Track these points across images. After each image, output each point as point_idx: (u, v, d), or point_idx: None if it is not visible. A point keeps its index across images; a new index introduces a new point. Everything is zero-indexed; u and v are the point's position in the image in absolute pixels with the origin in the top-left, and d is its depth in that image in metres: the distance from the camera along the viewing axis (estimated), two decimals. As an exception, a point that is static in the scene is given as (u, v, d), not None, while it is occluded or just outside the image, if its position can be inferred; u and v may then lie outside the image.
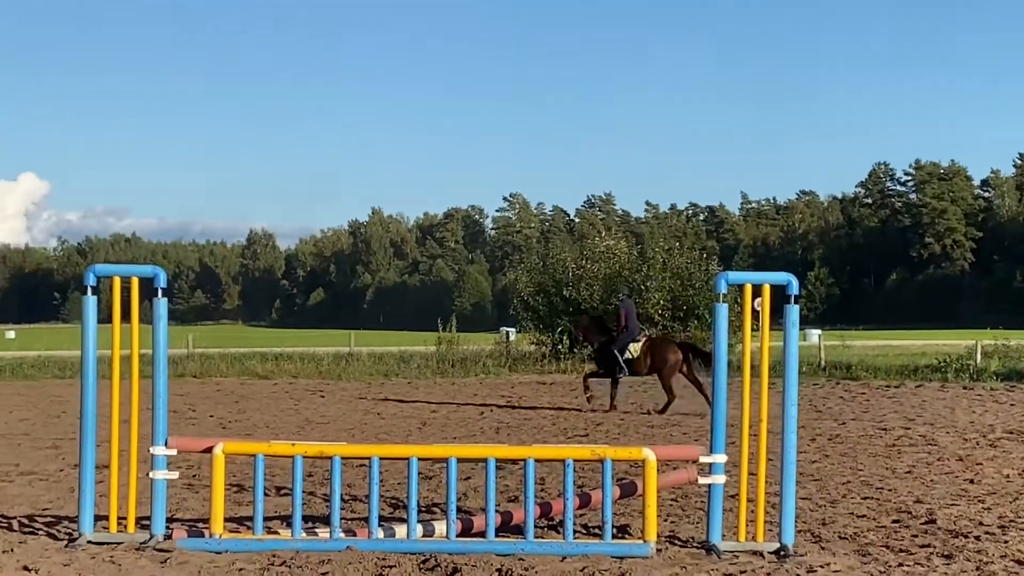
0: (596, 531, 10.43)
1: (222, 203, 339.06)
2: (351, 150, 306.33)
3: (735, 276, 10.20)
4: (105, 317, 10.30)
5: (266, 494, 10.30)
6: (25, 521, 11.02)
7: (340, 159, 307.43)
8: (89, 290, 10.06)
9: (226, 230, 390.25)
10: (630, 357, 24.71)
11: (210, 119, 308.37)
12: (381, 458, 10.08)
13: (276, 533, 10.05)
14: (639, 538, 9.87)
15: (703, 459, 10.06)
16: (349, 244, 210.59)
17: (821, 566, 9.12)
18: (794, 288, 9.90)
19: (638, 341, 24.87)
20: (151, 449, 10.01)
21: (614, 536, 9.94)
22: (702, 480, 10.10)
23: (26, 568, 8.85)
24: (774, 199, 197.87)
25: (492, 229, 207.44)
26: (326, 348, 48.22)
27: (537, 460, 10.10)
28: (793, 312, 9.88)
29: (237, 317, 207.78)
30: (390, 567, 8.93)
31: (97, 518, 10.15)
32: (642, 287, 40.52)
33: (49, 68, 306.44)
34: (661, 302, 40.45)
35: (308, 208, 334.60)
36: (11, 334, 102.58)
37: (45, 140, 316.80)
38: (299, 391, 30.45)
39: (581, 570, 8.84)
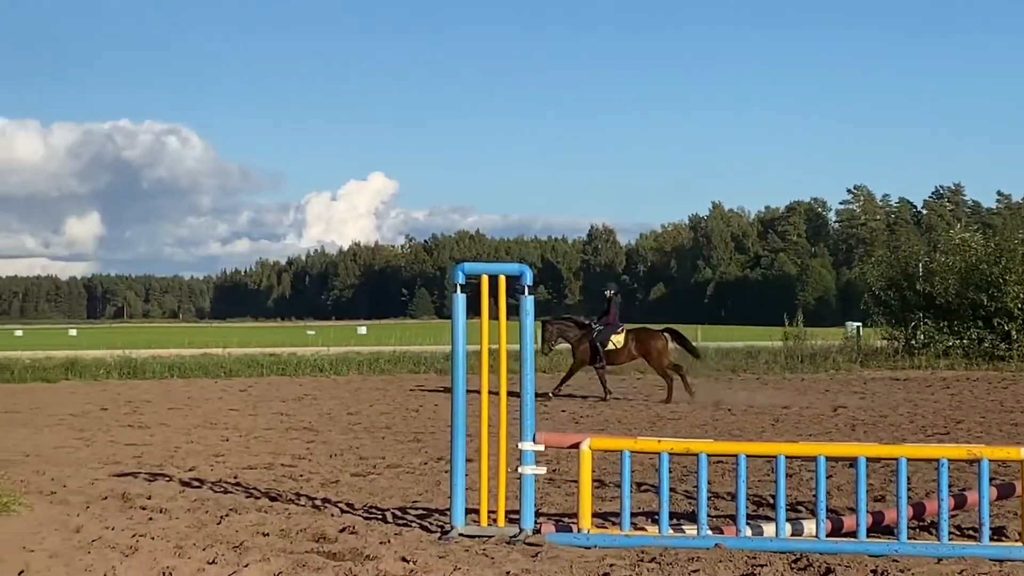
0: (970, 533, 10.10)
1: (563, 199, 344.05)
2: (691, 143, 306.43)
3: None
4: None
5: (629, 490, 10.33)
6: (398, 513, 11.37)
7: (680, 153, 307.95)
8: (458, 288, 10.33)
9: (567, 226, 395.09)
10: (613, 348, 27.18)
11: (551, 118, 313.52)
12: (747, 456, 10.00)
13: (643, 529, 10.09)
14: (1018, 541, 9.50)
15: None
16: (690, 238, 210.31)
17: None
18: None
19: (619, 333, 27.24)
20: (520, 444, 10.20)
21: (991, 538, 9.59)
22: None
23: (404, 559, 9.12)
24: None
25: (835, 222, 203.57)
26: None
27: (909, 459, 9.83)
28: None
29: (579, 312, 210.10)
30: (760, 566, 8.85)
31: (467, 512, 10.40)
32: (1000, 280, 39.05)
33: (396, 73, 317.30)
34: (1021, 296, 38.88)
35: (648, 203, 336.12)
36: (362, 330, 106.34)
37: (394, 141, 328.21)
38: (648, 386, 30.53)
39: (959, 573, 8.57)
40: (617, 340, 27.23)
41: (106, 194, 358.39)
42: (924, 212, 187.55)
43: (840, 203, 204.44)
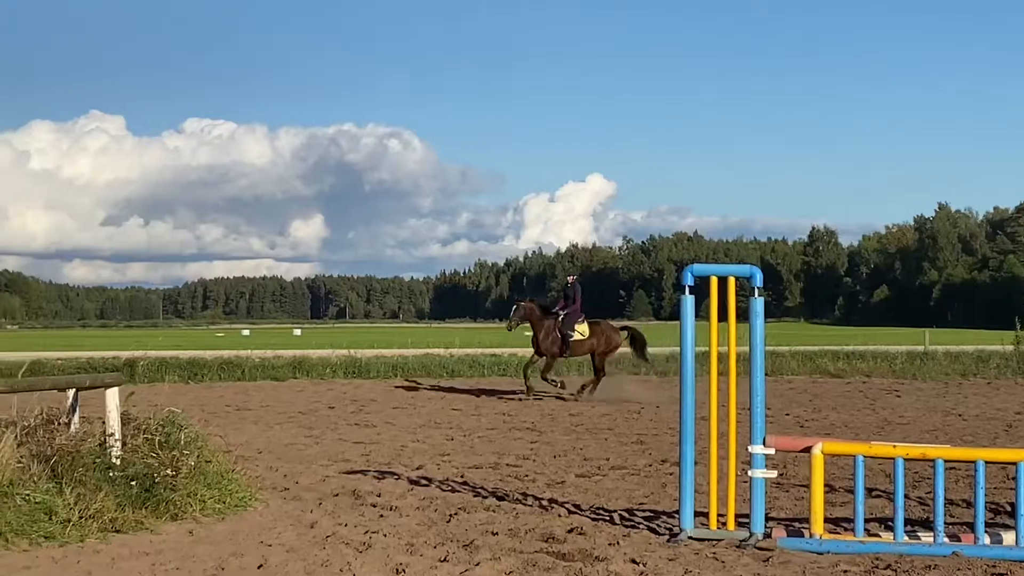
0: None
1: (783, 201, 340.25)
2: (917, 143, 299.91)
3: None
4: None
5: (852, 494, 10.14)
6: (625, 515, 11.36)
7: (905, 153, 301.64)
8: (687, 289, 10.28)
9: (787, 227, 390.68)
10: (579, 338, 26.94)
11: (771, 118, 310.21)
12: (986, 462, 9.73)
13: (876, 536, 9.89)
14: None
15: None
16: (914, 240, 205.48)
17: None
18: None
19: (582, 322, 26.85)
20: (750, 448, 10.10)
21: None
22: None
23: (633, 561, 9.12)
24: None
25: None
26: (897, 346, 47.14)
27: None
28: None
29: (799, 315, 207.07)
30: (1001, 575, 8.59)
31: (695, 515, 10.32)
32: None
33: (613, 76, 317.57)
34: None
35: (870, 204, 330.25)
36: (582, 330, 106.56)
37: (612, 142, 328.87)
38: (873, 390, 29.95)
39: None
40: (582, 330, 27.21)
41: (329, 196, 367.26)
42: None
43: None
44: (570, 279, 28.68)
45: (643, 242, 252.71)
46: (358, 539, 9.84)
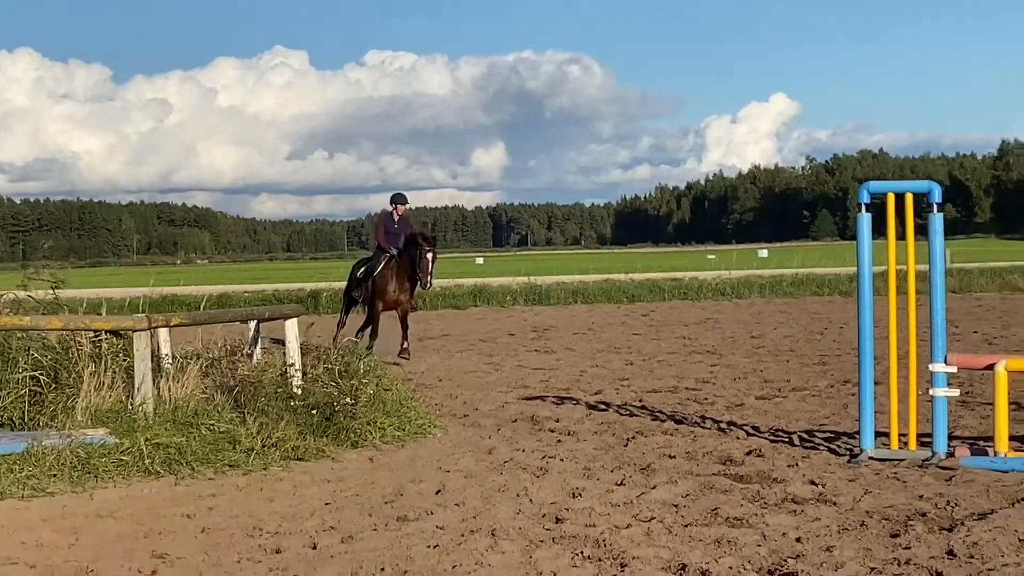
0: None
1: (973, 114, 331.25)
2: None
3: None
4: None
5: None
6: (804, 436, 11.25)
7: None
8: (863, 207, 10.06)
9: (977, 142, 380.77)
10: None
11: (960, 29, 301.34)
12: None
13: (1065, 454, 9.64)
14: None
15: None
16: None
17: None
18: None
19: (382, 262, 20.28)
20: (931, 366, 9.91)
21: None
22: None
23: (812, 482, 9.02)
24: None
25: None
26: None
27: None
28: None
29: (990, 231, 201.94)
30: None
31: (876, 435, 10.17)
32: None
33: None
34: None
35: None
36: (763, 252, 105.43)
37: (796, 61, 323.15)
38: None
39: None
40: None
41: (510, 125, 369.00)
42: None
43: None
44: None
45: (827, 161, 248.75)
46: (535, 464, 9.91)
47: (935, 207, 9.83)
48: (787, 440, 11.05)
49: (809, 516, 7.89)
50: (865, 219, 10.08)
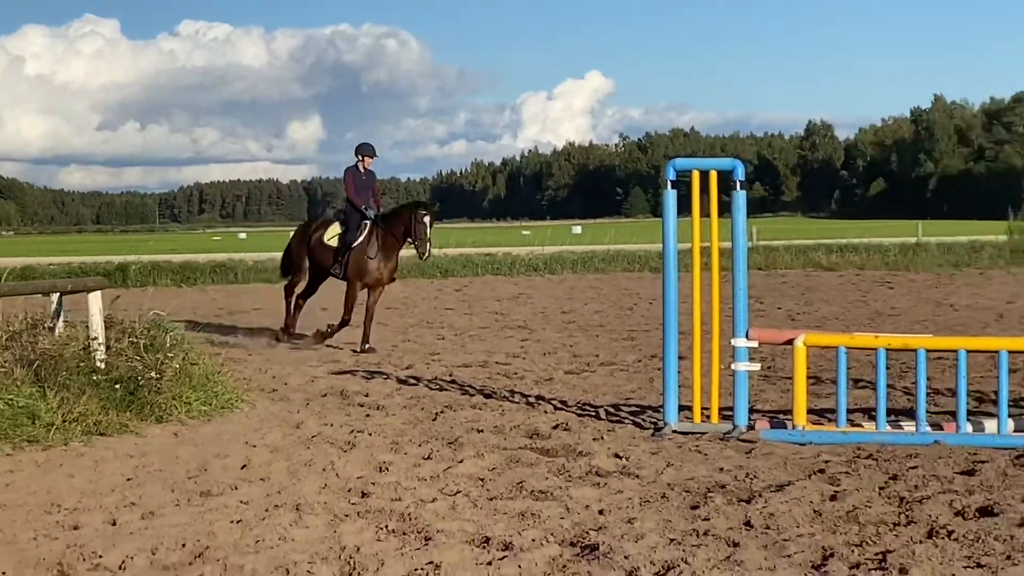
0: None
1: (781, 96, 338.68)
2: (912, 34, 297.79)
3: None
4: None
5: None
6: (611, 410, 11.41)
7: (899, 45, 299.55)
8: (669, 184, 10.23)
9: (785, 122, 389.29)
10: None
11: (768, 11, 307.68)
12: (968, 351, 9.73)
13: (859, 426, 9.92)
14: None
15: None
16: (911, 132, 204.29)
17: None
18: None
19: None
20: (732, 341, 10.11)
21: None
22: None
23: (616, 455, 9.15)
24: None
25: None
26: (890, 239, 47.14)
27: None
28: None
29: (796, 209, 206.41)
30: (982, 462, 8.63)
31: (680, 408, 10.35)
32: None
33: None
34: None
35: (867, 98, 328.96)
36: (577, 229, 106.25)
37: (611, 38, 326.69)
38: (866, 283, 30.00)
39: None
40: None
41: (327, 98, 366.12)
42: None
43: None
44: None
45: (640, 139, 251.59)
46: (343, 438, 9.87)
47: (738, 184, 10.02)
48: (594, 414, 11.18)
49: (612, 489, 8.00)
50: (671, 196, 10.25)
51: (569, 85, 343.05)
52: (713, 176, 10.15)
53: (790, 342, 9.99)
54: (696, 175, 10.29)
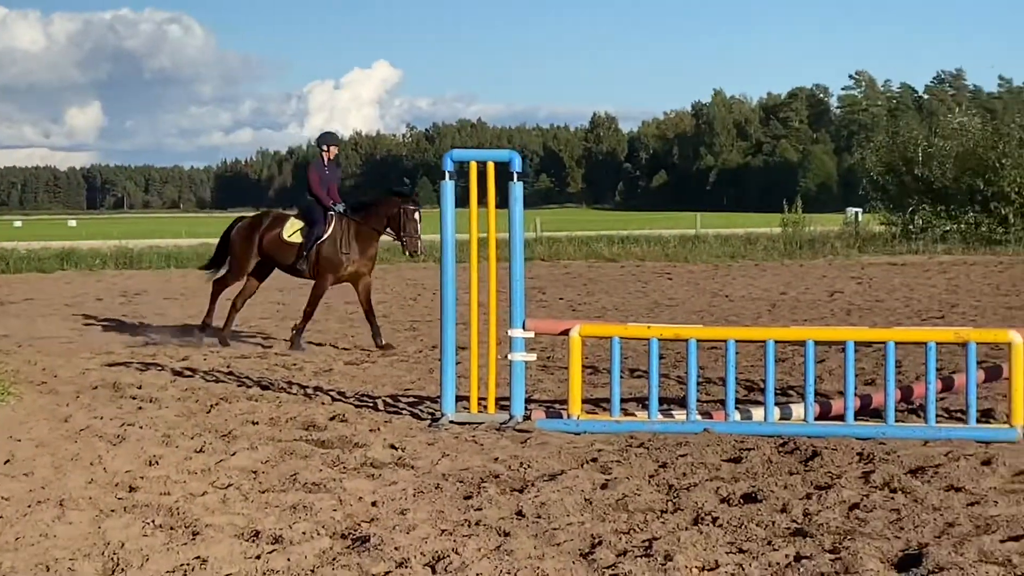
0: (958, 415, 10.10)
1: (567, 88, 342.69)
2: (694, 31, 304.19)
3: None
4: (460, 201, 10.44)
5: (620, 376, 10.32)
6: (389, 401, 11.37)
7: (683, 40, 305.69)
8: (447, 175, 10.24)
9: (570, 114, 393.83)
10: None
11: (555, 4, 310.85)
12: (736, 341, 9.97)
13: (632, 415, 10.08)
14: (1005, 423, 9.49)
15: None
16: (691, 126, 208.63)
17: None
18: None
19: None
20: (509, 331, 10.17)
21: (978, 420, 9.58)
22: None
23: (392, 446, 9.13)
24: None
25: (837, 108, 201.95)
26: (671, 231, 48.13)
27: (896, 343, 9.80)
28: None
29: (581, 201, 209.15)
30: (748, 450, 8.84)
31: (457, 399, 10.39)
32: (998, 164, 38.92)
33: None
34: (1018, 180, 38.76)
35: (651, 91, 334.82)
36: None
37: (400, 28, 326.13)
38: (646, 274, 30.50)
39: (946, 454, 8.55)
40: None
41: (107, 84, 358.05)
42: (925, 98, 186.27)
43: (842, 89, 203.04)
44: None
45: (427, 130, 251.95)
46: (112, 432, 9.62)
47: (515, 176, 10.07)
48: (372, 405, 11.13)
49: (387, 480, 7.98)
50: (448, 187, 10.27)
51: (357, 74, 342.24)
52: (490, 167, 10.20)
53: (566, 332, 10.09)
54: (473, 166, 10.34)
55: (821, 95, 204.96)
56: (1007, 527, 6.67)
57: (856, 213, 51.24)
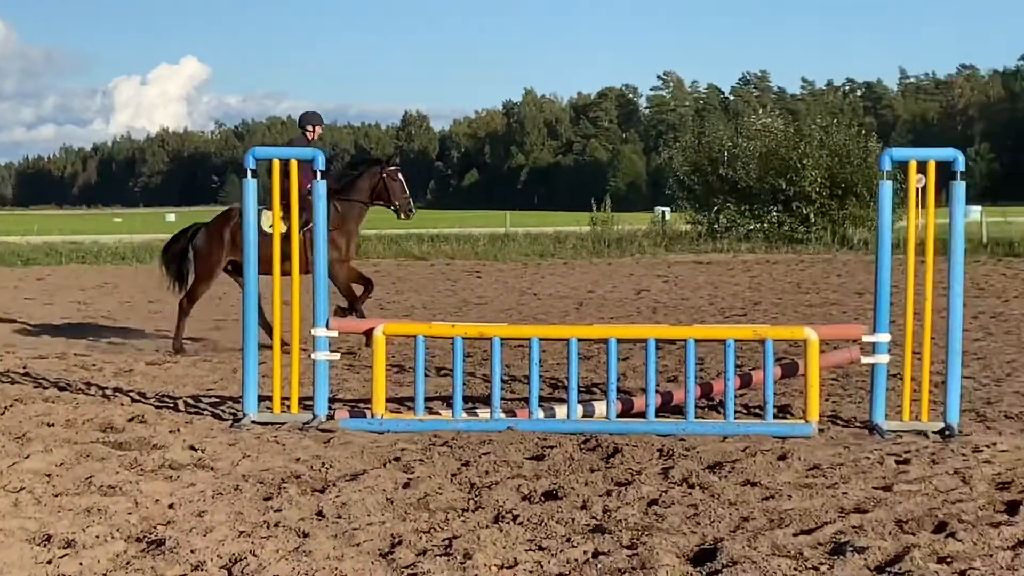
0: (757, 411, 10.33)
1: (379, 86, 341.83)
2: (504, 30, 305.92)
3: (900, 152, 9.93)
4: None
5: (426, 375, 10.32)
6: (191, 402, 11.19)
7: (494, 39, 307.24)
8: (249, 173, 10.11)
9: (383, 113, 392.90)
10: None
11: (363, 3, 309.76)
12: (541, 339, 10.04)
13: (437, 414, 10.09)
14: (801, 418, 9.73)
15: (866, 339, 9.92)
16: (503, 125, 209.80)
17: (987, 445, 8.88)
18: (960, 164, 9.57)
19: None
20: (312, 331, 10.09)
21: (775, 416, 9.81)
22: (865, 359, 9.94)
23: (192, 448, 8.98)
24: (933, 74, 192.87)
25: (646, 108, 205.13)
26: (482, 229, 48.31)
27: (697, 340, 9.98)
28: (959, 189, 9.55)
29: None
30: (551, 447, 8.90)
31: (261, 399, 10.28)
32: (799, 165, 39.92)
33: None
34: (818, 180, 39.80)
35: (463, 90, 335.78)
36: (171, 217, 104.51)
37: (208, 24, 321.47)
38: (456, 272, 30.57)
39: (743, 450, 8.72)
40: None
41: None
42: (731, 99, 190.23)
43: (651, 89, 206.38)
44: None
45: (236, 127, 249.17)
46: None
47: (319, 174, 10.00)
48: (172, 406, 10.94)
49: (185, 482, 7.84)
50: (251, 184, 10.14)
51: (164, 70, 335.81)
52: (294, 165, 10.10)
53: (370, 331, 10.05)
54: (277, 164, 10.24)
55: (630, 95, 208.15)
56: (800, 521, 6.83)
57: (663, 212, 52.08)
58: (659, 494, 7.47)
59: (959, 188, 9.54)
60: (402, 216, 16.00)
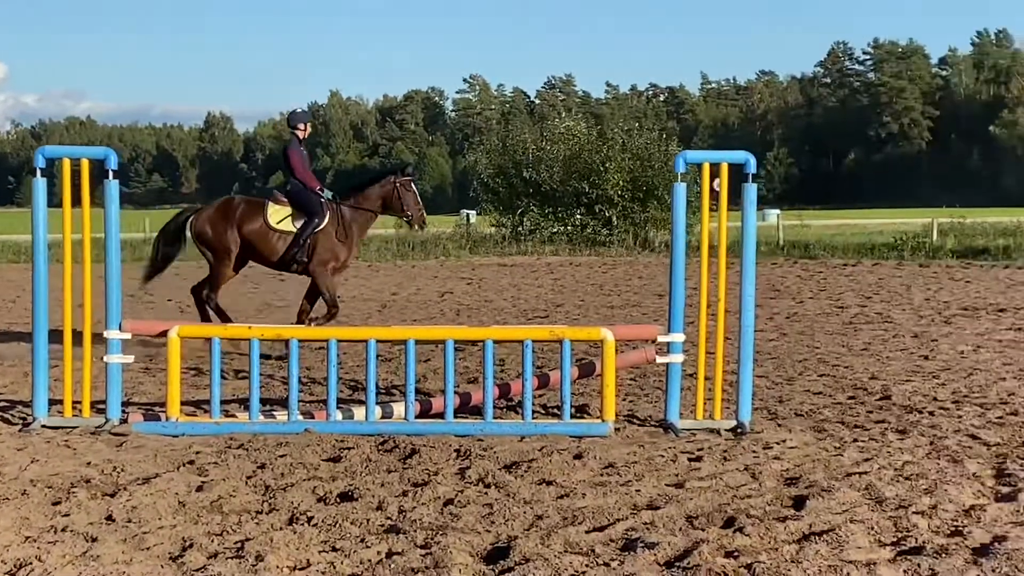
0: (555, 411, 10.43)
1: (182, 87, 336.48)
2: (310, 31, 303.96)
3: (693, 155, 10.14)
4: (58, 200, 10.12)
5: (224, 378, 10.23)
6: (-19, 406, 10.91)
7: (299, 41, 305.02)
8: (38, 172, 9.90)
9: (186, 114, 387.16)
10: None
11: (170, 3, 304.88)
12: (339, 340, 10.02)
13: (234, 416, 9.99)
14: (598, 418, 9.88)
15: (661, 338, 10.09)
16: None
17: (777, 442, 9.15)
18: (752, 167, 9.80)
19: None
20: (105, 333, 9.90)
21: (572, 416, 9.93)
22: (660, 359, 10.12)
23: (-31, 452, 8.76)
24: (734, 79, 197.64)
25: (452, 111, 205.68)
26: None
27: (496, 341, 10.05)
28: (751, 191, 9.79)
29: (195, 201, 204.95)
30: (348, 449, 8.89)
31: (52, 403, 10.06)
32: (601, 168, 40.45)
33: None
34: (620, 183, 40.38)
35: (267, 91, 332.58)
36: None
37: (3, 21, 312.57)
38: (258, 274, 30.15)
39: (540, 450, 8.82)
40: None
41: None
42: (537, 102, 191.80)
43: (457, 92, 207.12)
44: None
45: (34, 127, 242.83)
46: None
47: (111, 174, 9.82)
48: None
49: (-30, 489, 7.64)
50: (40, 184, 9.92)
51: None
52: (84, 164, 9.90)
53: (165, 334, 9.90)
54: (66, 163, 10.03)
55: (437, 98, 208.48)
56: (593, 518, 6.94)
57: (469, 215, 52.30)
58: (455, 494, 7.53)
59: (751, 190, 9.78)
60: (415, 227, 15.87)
